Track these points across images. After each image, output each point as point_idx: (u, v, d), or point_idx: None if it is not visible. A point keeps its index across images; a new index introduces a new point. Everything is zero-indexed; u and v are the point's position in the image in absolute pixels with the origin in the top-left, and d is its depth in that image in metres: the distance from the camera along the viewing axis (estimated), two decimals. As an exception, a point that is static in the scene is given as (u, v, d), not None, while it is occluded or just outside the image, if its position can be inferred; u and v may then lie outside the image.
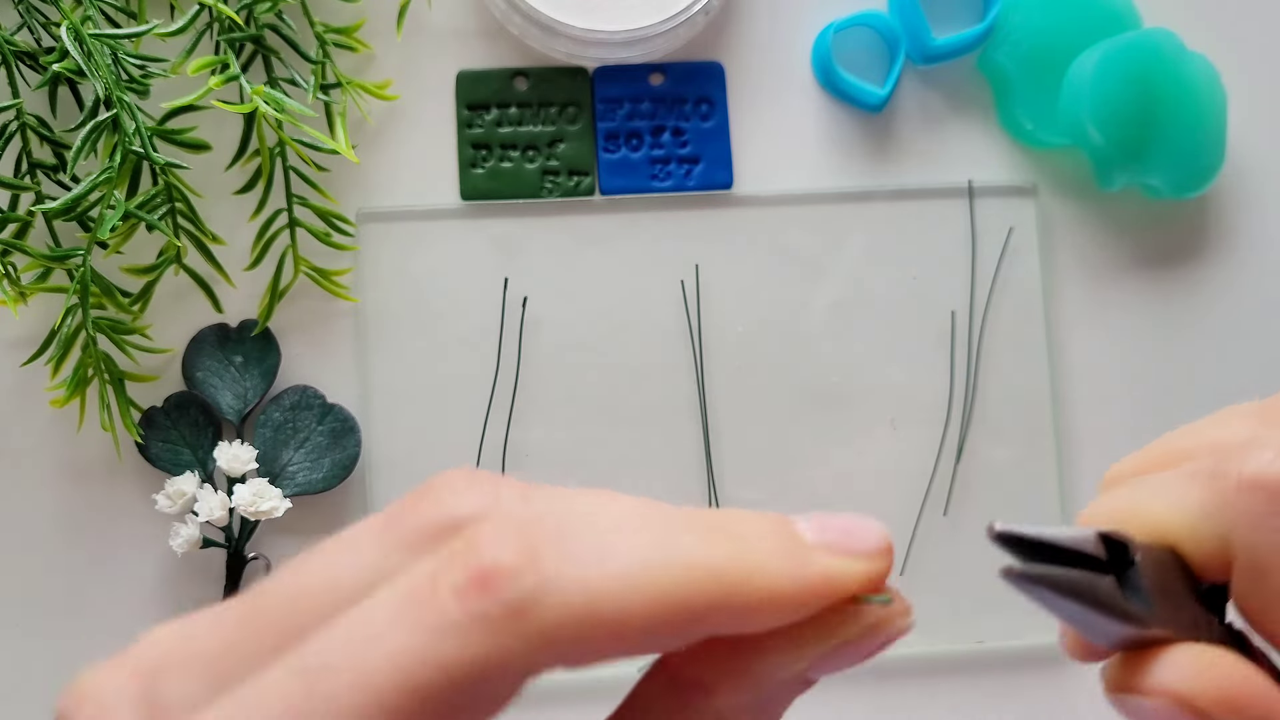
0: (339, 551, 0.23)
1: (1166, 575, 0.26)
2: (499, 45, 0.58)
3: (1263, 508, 0.25)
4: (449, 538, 0.22)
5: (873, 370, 0.57)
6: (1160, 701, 0.25)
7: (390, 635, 0.21)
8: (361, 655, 0.21)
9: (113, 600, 0.54)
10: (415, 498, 0.23)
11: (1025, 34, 0.57)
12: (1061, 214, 0.59)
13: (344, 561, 0.23)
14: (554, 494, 0.23)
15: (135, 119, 0.49)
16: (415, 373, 0.55)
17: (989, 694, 0.56)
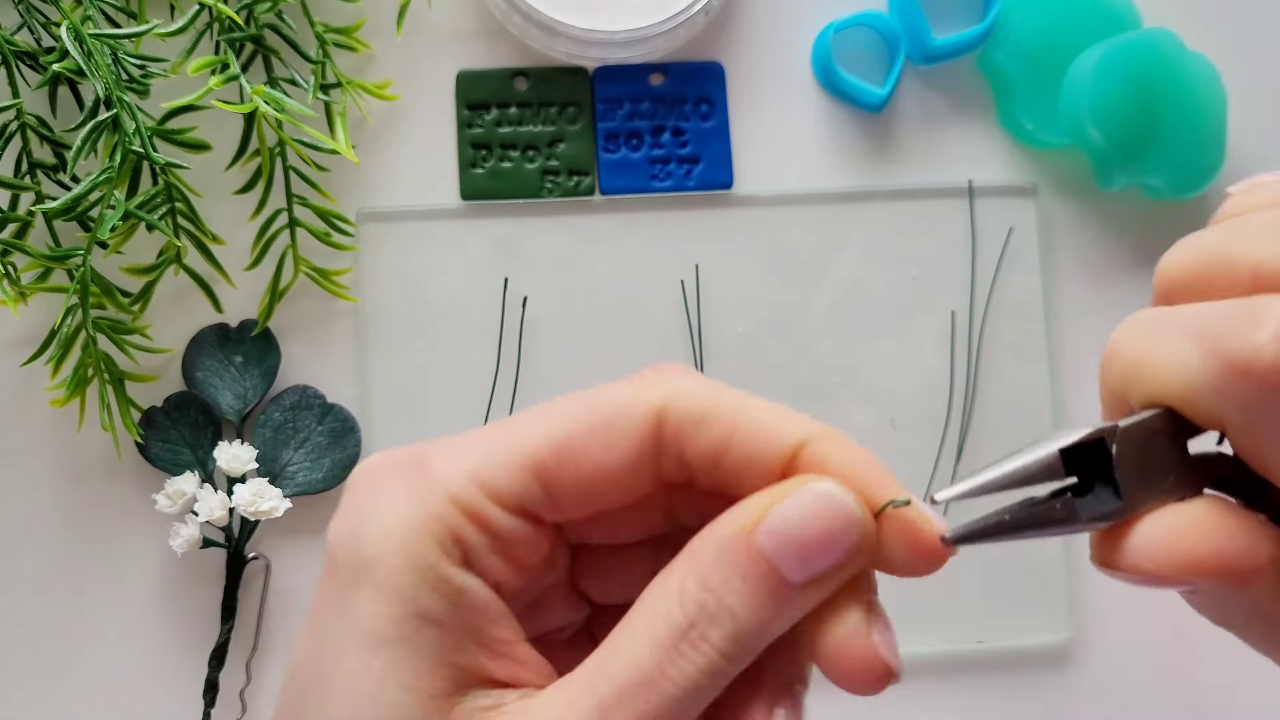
0: None
1: (1152, 446, 0.28)
2: (499, 45, 0.58)
3: (1251, 394, 0.26)
4: None
5: (873, 370, 0.57)
6: (1130, 576, 0.28)
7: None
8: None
9: (113, 600, 0.54)
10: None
11: (1025, 34, 0.57)
12: (1061, 214, 0.59)
13: None
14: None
15: (135, 119, 0.49)
16: (415, 373, 0.55)
17: (989, 694, 0.56)
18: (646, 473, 0.29)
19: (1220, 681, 0.57)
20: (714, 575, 0.28)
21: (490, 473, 0.29)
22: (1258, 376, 0.26)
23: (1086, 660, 0.57)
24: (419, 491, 0.29)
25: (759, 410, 0.30)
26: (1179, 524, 0.28)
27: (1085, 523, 0.28)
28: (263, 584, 0.54)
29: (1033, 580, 0.57)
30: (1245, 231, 0.29)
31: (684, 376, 0.30)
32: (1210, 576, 0.27)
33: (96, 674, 0.54)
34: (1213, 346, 0.27)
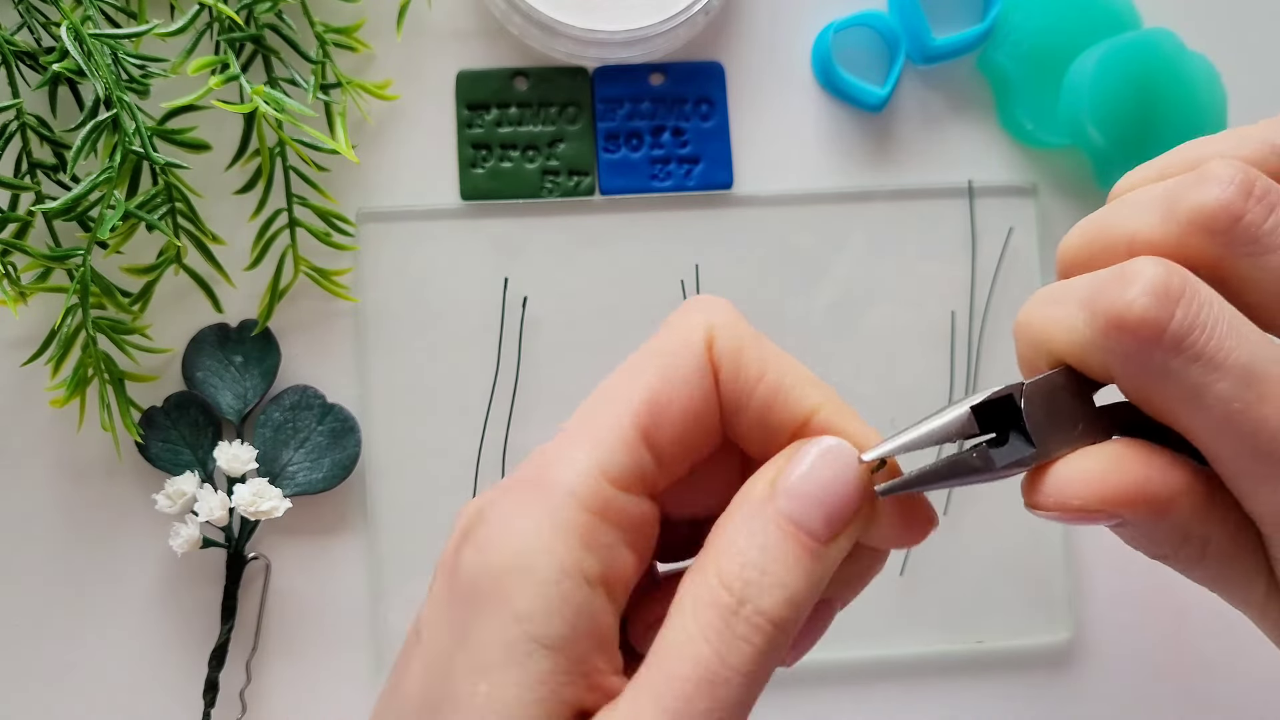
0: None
1: (1059, 401, 0.31)
2: (499, 45, 0.58)
3: (1127, 346, 0.29)
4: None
5: (873, 370, 0.57)
6: (1059, 513, 0.30)
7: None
8: None
9: (113, 600, 0.54)
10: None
11: (1025, 34, 0.57)
12: (1061, 214, 0.59)
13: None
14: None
15: (135, 119, 0.49)
16: (415, 373, 0.55)
17: (989, 694, 0.57)
18: (715, 402, 0.31)
19: (1220, 681, 0.57)
20: (749, 550, 0.29)
21: (608, 456, 0.30)
22: (1130, 329, 0.29)
23: (1086, 660, 0.57)
24: (545, 504, 0.30)
25: (782, 367, 0.32)
26: (1098, 461, 0.30)
27: (1002, 469, 0.31)
28: (263, 584, 0.54)
29: (1033, 580, 0.57)
30: (1122, 207, 0.32)
31: (719, 310, 0.32)
32: (1132, 506, 0.30)
33: (96, 674, 0.54)
34: (1093, 308, 0.30)
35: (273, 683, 0.54)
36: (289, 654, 0.54)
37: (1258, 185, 0.30)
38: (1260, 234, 0.30)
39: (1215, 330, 0.29)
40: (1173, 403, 0.30)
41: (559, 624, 0.28)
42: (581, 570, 0.29)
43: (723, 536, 0.30)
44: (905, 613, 0.56)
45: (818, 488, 0.30)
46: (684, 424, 0.31)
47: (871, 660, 0.56)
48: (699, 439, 0.31)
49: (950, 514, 0.56)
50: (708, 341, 0.32)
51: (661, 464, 0.31)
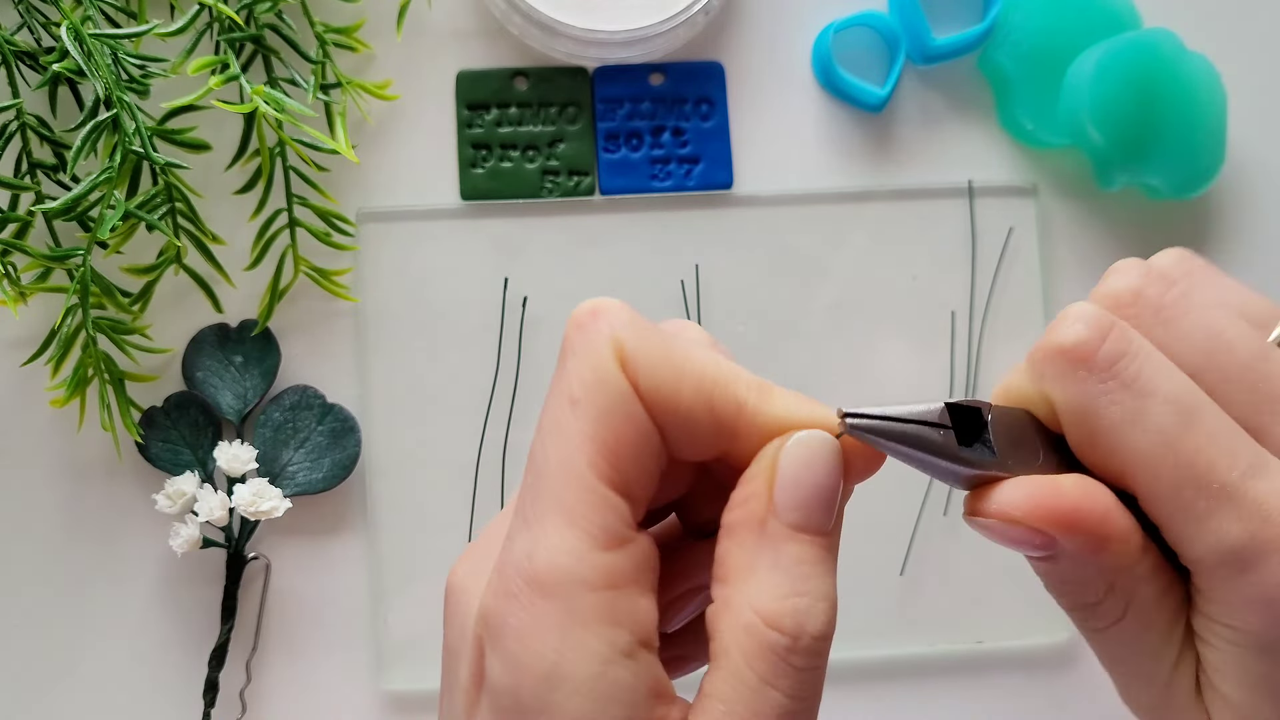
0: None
1: (1022, 433, 0.32)
2: (499, 45, 0.58)
3: (1062, 369, 0.30)
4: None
5: (873, 370, 0.57)
6: (992, 521, 0.30)
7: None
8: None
9: (113, 600, 0.54)
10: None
11: (1025, 34, 0.57)
12: (1061, 214, 0.59)
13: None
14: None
15: (135, 119, 0.49)
16: (415, 373, 0.55)
17: (989, 694, 0.57)
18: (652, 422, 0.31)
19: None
20: (778, 579, 0.29)
21: (589, 524, 0.29)
22: (1064, 351, 0.30)
23: (1087, 660, 0.57)
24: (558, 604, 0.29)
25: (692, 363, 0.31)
26: (1048, 480, 0.30)
27: (961, 459, 0.31)
28: (263, 584, 0.54)
29: (1033, 580, 0.56)
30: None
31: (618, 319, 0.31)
32: (1075, 529, 0.30)
33: (97, 674, 0.54)
34: (1034, 351, 0.31)
35: (273, 682, 0.54)
36: (289, 654, 0.54)
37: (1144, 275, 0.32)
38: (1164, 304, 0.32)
39: (1146, 360, 0.30)
40: (1109, 431, 0.30)
41: (617, 710, 0.28)
42: (618, 650, 0.28)
43: (741, 569, 0.30)
44: (905, 613, 0.56)
45: (812, 487, 0.30)
46: (641, 455, 0.30)
47: (871, 660, 0.56)
48: (657, 459, 0.30)
49: (950, 514, 0.56)
50: (620, 361, 0.30)
51: (635, 501, 0.30)
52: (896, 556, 0.56)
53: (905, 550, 0.56)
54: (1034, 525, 0.30)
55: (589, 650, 0.28)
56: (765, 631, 0.29)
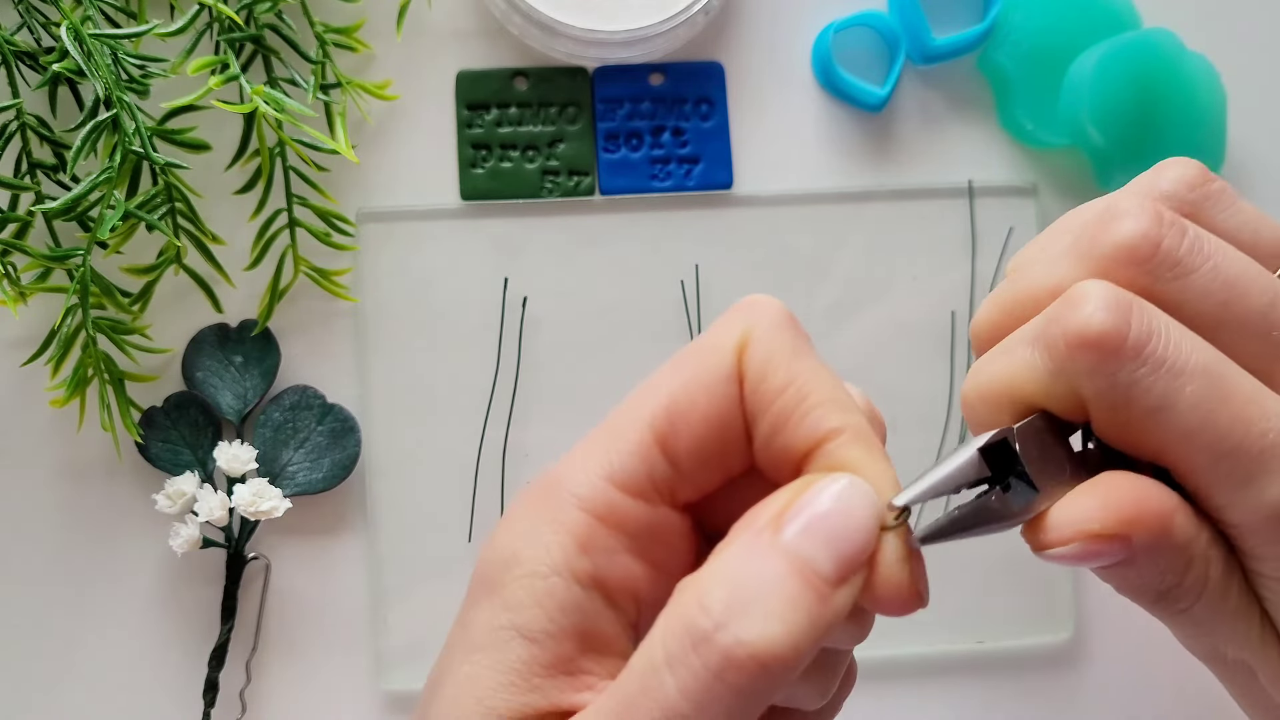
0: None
1: (1043, 442, 0.31)
2: (499, 45, 0.58)
3: (1092, 362, 0.29)
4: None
5: (872, 370, 0.57)
6: (1071, 548, 0.30)
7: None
8: None
9: (112, 600, 0.54)
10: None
11: (1025, 34, 0.57)
12: (1061, 214, 0.59)
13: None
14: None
15: (135, 119, 0.49)
16: (415, 373, 0.55)
17: (989, 694, 0.56)
18: (739, 412, 0.30)
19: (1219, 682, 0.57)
20: (745, 576, 0.27)
21: (617, 460, 0.29)
22: (1092, 343, 0.29)
23: (1087, 660, 0.57)
24: (549, 506, 0.29)
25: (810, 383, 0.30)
26: (1099, 489, 0.30)
27: (1016, 516, 0.30)
28: (262, 584, 0.54)
29: (1033, 580, 0.57)
30: (1031, 269, 0.33)
31: (763, 314, 0.30)
32: (1140, 525, 0.29)
33: (96, 674, 0.54)
34: (1048, 338, 0.30)
35: (272, 683, 0.54)
36: (289, 654, 0.54)
37: (1165, 213, 0.31)
38: (1180, 256, 0.31)
39: (1171, 336, 0.29)
40: (1144, 417, 0.30)
41: (540, 617, 0.28)
42: (571, 570, 0.28)
43: (716, 560, 0.28)
44: (905, 613, 0.56)
45: (833, 526, 0.28)
46: (704, 431, 0.29)
47: (871, 660, 0.56)
48: (722, 449, 0.30)
49: (950, 514, 0.56)
50: (739, 347, 0.30)
51: (681, 472, 0.30)
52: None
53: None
54: (1109, 538, 0.29)
55: (548, 553, 0.28)
56: (693, 609, 0.27)
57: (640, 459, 0.29)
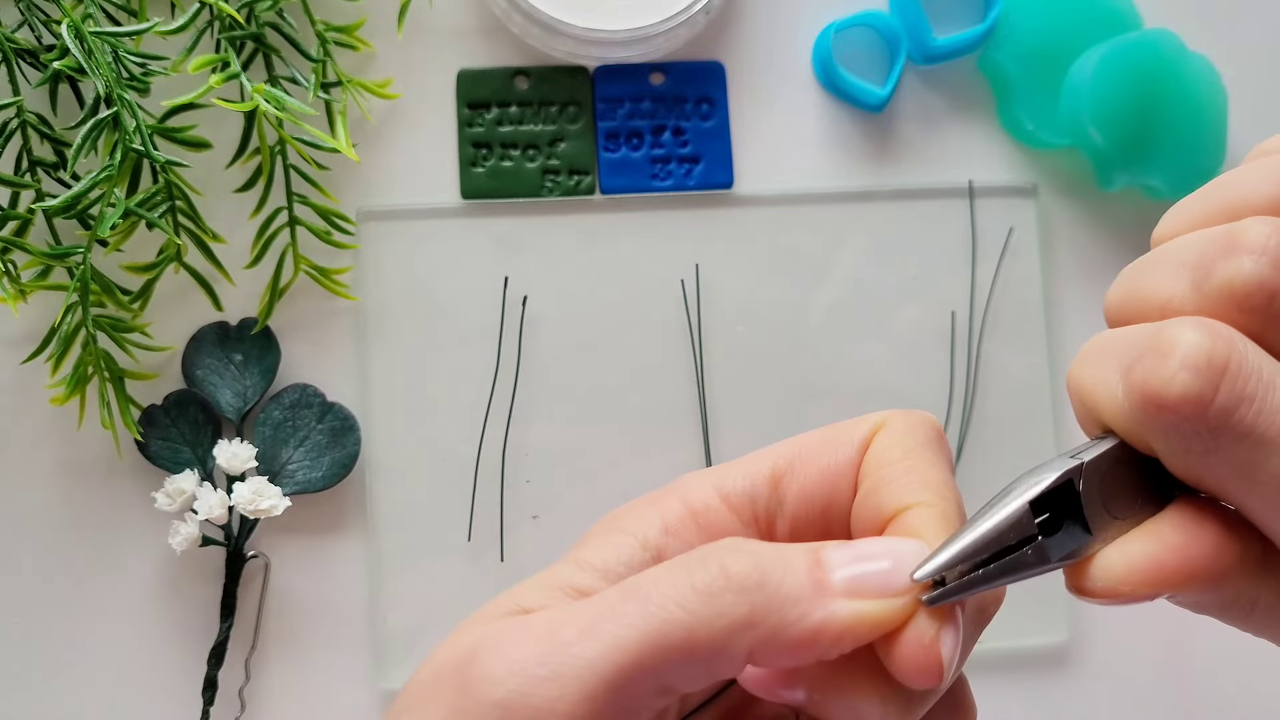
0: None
1: (1117, 476, 0.29)
2: (500, 44, 0.58)
3: (1166, 424, 0.28)
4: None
5: (873, 370, 0.57)
6: (1106, 601, 0.29)
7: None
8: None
9: (112, 598, 0.54)
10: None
11: (1026, 34, 0.57)
12: (1061, 214, 0.59)
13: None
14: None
15: (136, 117, 0.49)
16: (415, 371, 0.55)
17: (989, 694, 0.56)
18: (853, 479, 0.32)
19: (1219, 682, 0.57)
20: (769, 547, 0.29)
21: (730, 477, 0.32)
22: (1170, 407, 0.27)
23: (1086, 660, 0.57)
24: (661, 494, 0.32)
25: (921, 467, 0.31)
26: (1145, 545, 0.29)
27: (1057, 563, 0.29)
28: (262, 582, 0.54)
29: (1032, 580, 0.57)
30: (1158, 266, 0.30)
31: (910, 414, 0.32)
32: (1183, 586, 0.29)
33: (96, 671, 0.54)
34: (1129, 379, 0.28)
35: (271, 681, 0.54)
36: (288, 652, 0.54)
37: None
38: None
39: (1265, 403, 0.27)
40: (1221, 481, 0.28)
41: (597, 556, 0.31)
42: (647, 539, 0.31)
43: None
44: (904, 613, 0.56)
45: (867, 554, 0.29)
46: (817, 479, 0.31)
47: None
48: (827, 504, 0.32)
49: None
50: (878, 426, 0.32)
51: (784, 509, 0.32)
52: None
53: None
54: (1145, 594, 0.29)
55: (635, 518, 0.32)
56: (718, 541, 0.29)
57: (751, 482, 0.32)
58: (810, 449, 0.32)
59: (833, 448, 0.32)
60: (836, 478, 0.31)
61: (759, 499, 0.32)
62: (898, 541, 0.29)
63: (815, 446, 0.32)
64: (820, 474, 0.32)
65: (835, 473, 0.31)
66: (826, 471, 0.31)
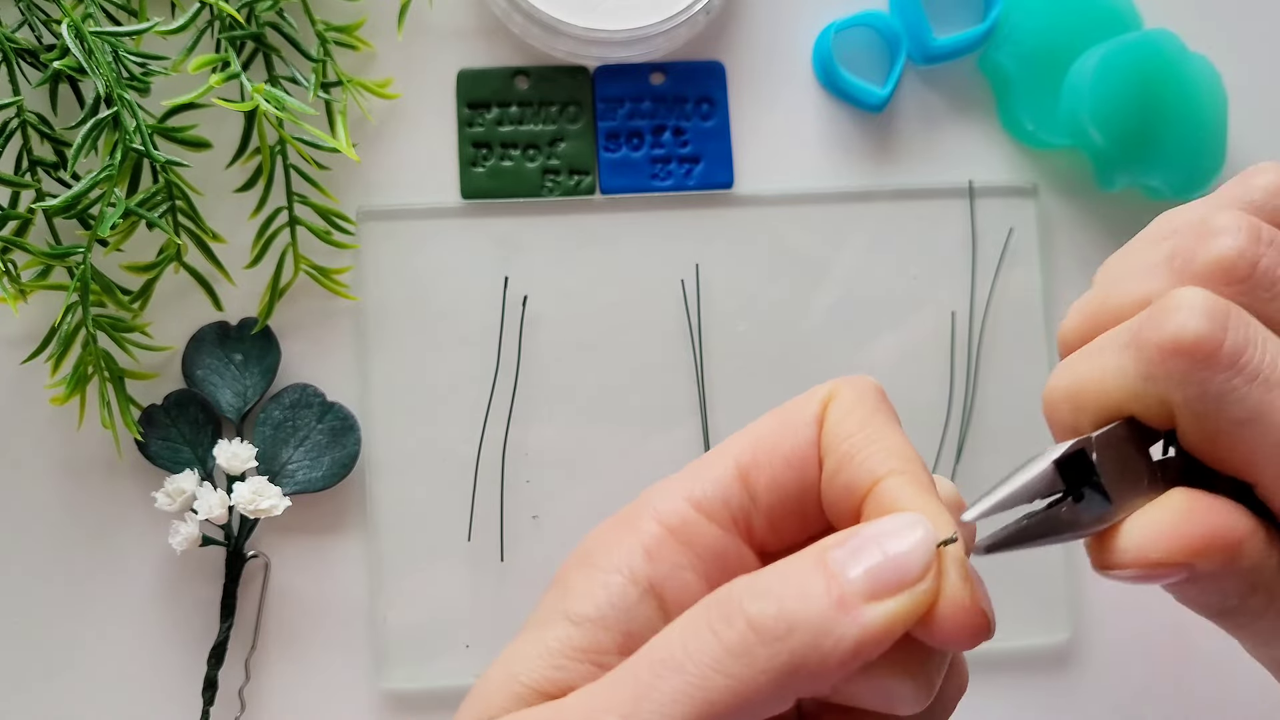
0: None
1: (1126, 453, 0.31)
2: (500, 44, 0.58)
3: (1185, 369, 0.29)
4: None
5: (873, 371, 0.57)
6: (1134, 570, 0.30)
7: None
8: None
9: (112, 598, 0.54)
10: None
11: (1026, 34, 0.57)
12: (1061, 214, 0.59)
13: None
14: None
15: (136, 117, 0.49)
16: (415, 371, 0.55)
17: (989, 694, 0.56)
18: (816, 458, 0.31)
19: (1219, 682, 0.57)
20: (774, 569, 0.29)
21: (699, 484, 0.31)
22: (1186, 351, 0.29)
23: (1086, 661, 0.57)
24: (632, 516, 0.31)
25: (880, 433, 0.31)
26: (1166, 513, 0.30)
27: (1086, 526, 0.30)
28: (262, 582, 0.54)
29: (1032, 580, 0.57)
30: (1122, 282, 0.32)
31: (855, 380, 0.32)
32: (1207, 554, 0.29)
33: (95, 672, 0.54)
34: (1141, 342, 0.30)
35: (271, 681, 0.54)
36: (288, 652, 0.54)
37: (1263, 230, 0.30)
38: (1277, 276, 0.30)
39: (1268, 347, 0.29)
40: (1234, 428, 0.29)
41: (588, 603, 0.30)
42: (632, 571, 0.30)
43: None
44: (904, 613, 0.56)
45: (874, 545, 0.28)
46: (783, 469, 0.31)
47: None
48: (799, 491, 0.31)
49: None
50: (826, 399, 0.32)
51: (758, 505, 0.31)
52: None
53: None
54: (1171, 565, 0.29)
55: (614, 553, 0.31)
56: (724, 589, 0.29)
57: (721, 485, 0.31)
58: (767, 438, 0.32)
59: (790, 431, 0.31)
60: (801, 460, 0.31)
61: (731, 500, 0.31)
62: (892, 522, 0.29)
63: (772, 434, 0.32)
64: (785, 461, 0.31)
65: (799, 456, 0.31)
66: (790, 457, 0.31)
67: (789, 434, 0.31)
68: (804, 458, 0.31)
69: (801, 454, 0.31)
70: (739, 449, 0.32)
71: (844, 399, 0.31)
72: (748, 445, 0.32)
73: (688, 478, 0.32)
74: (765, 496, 0.31)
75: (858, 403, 0.31)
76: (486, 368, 0.55)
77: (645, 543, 0.31)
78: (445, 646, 0.54)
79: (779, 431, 0.32)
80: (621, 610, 0.30)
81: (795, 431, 0.31)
